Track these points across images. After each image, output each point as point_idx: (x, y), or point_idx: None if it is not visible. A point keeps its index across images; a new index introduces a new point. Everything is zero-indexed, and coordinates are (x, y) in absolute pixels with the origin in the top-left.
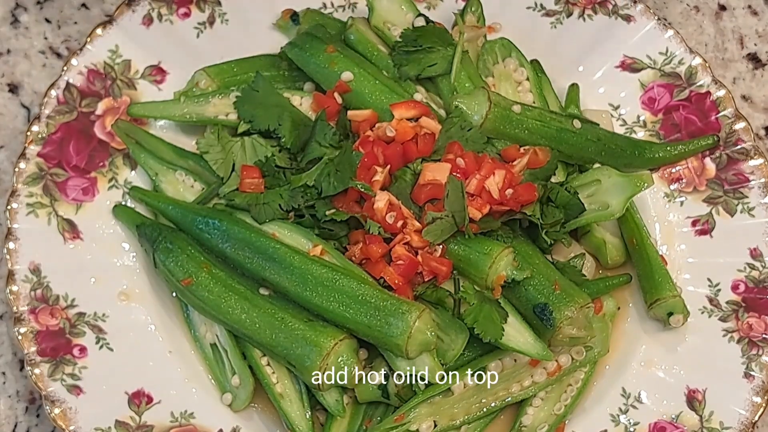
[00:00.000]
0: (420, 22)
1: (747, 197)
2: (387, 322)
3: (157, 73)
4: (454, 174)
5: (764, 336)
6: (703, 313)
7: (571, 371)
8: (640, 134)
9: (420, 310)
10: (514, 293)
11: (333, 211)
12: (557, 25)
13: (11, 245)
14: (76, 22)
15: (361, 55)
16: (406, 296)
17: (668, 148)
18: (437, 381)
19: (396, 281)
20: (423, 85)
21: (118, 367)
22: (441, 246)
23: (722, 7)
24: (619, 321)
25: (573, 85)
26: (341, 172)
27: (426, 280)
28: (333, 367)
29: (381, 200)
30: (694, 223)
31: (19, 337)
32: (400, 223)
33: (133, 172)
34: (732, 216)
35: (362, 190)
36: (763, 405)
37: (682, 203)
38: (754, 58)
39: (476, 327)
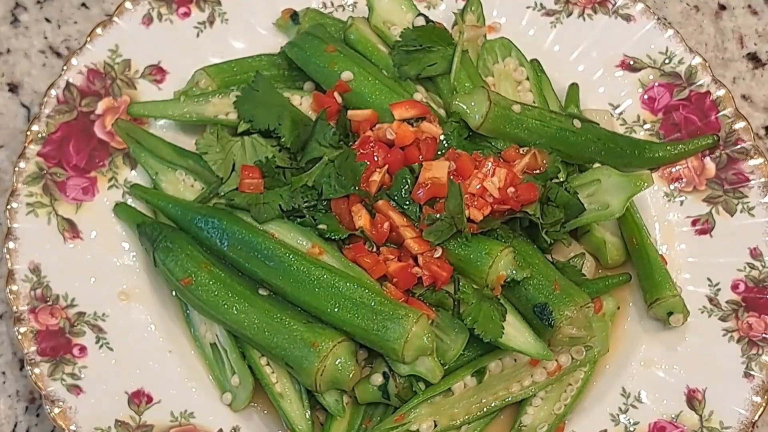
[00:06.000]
0: (420, 21)
1: (747, 197)
2: (384, 326)
3: (157, 72)
4: (452, 176)
5: (764, 335)
6: (703, 312)
7: (571, 371)
8: (640, 134)
9: (417, 315)
10: (514, 293)
11: (330, 227)
12: (557, 24)
13: (11, 245)
14: (76, 22)
15: (361, 54)
16: (404, 299)
17: (668, 148)
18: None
19: (397, 295)
20: (423, 84)
21: (118, 367)
22: (441, 248)
23: (722, 7)
24: (619, 320)
25: (573, 84)
26: (344, 177)
27: (426, 285)
28: (331, 369)
29: (360, 218)
30: (694, 223)
31: (19, 337)
32: (392, 234)
33: (133, 171)
34: (732, 215)
35: (364, 197)
36: (763, 404)
37: (681, 203)
38: (754, 58)
39: (476, 327)
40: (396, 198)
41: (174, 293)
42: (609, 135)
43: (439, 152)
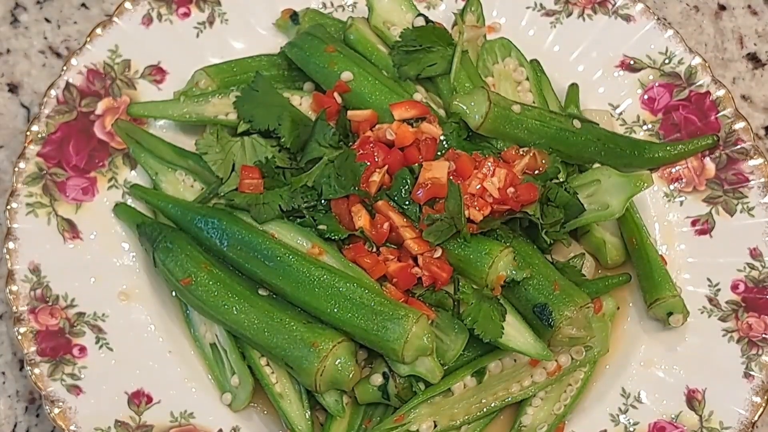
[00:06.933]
0: (420, 21)
1: (747, 197)
2: (384, 326)
3: (156, 72)
4: (452, 176)
5: (764, 336)
6: (702, 313)
7: (571, 371)
8: (640, 134)
9: (417, 315)
10: (514, 293)
11: (329, 228)
12: (557, 24)
13: (11, 245)
14: (75, 22)
15: (361, 55)
16: (404, 299)
17: (668, 148)
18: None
19: (397, 296)
20: (423, 85)
21: (118, 367)
22: (440, 248)
23: (722, 7)
24: (618, 321)
25: (573, 85)
26: (343, 177)
27: (426, 286)
28: (331, 370)
29: (360, 219)
30: (693, 223)
31: (19, 337)
32: (392, 234)
33: (133, 171)
34: (732, 216)
35: (364, 198)
36: (763, 405)
37: (681, 203)
38: (753, 58)
39: (476, 327)
40: (396, 198)
41: (174, 293)
42: (609, 135)
43: (439, 152)
